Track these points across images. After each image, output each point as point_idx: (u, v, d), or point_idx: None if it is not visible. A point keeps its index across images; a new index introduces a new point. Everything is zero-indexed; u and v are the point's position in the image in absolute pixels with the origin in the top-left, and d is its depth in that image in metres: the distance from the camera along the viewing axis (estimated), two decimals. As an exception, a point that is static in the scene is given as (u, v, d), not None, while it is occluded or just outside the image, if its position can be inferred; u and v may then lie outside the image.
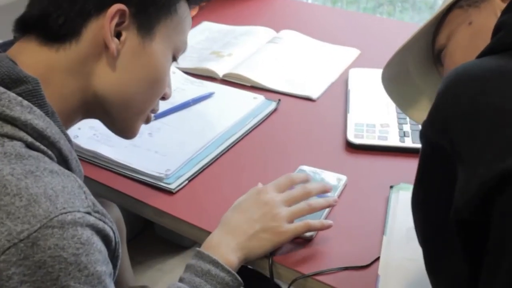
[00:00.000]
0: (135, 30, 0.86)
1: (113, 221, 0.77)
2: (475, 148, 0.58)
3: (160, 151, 1.16)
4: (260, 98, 1.33)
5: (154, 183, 1.08)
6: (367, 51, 1.58)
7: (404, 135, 1.18)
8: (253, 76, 1.43)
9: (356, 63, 1.52)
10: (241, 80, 1.43)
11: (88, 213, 0.70)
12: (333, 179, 1.07)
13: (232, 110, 1.28)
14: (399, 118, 1.24)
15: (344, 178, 1.07)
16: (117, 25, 0.83)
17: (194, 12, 1.82)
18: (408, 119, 1.23)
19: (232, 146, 1.19)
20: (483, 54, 0.68)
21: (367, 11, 3.47)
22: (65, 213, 0.67)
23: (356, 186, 1.07)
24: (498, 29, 0.69)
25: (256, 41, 1.62)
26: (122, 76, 0.86)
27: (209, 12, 1.85)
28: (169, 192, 1.06)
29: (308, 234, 0.95)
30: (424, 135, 0.66)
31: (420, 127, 1.18)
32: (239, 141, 1.21)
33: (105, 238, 0.73)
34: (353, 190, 1.06)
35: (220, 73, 1.46)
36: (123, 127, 0.94)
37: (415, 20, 3.04)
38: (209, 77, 1.45)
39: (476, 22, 0.80)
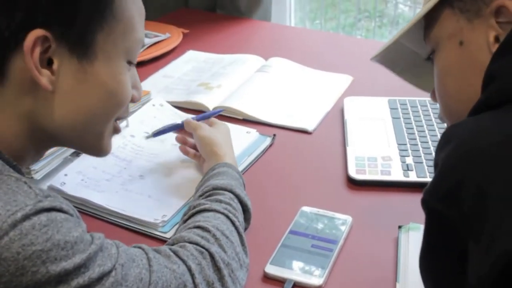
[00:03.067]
0: (68, 52, 0.73)
1: (69, 203, 0.71)
2: (487, 227, 0.54)
3: (154, 195, 1.10)
4: (253, 133, 1.28)
5: (148, 232, 1.02)
6: (360, 77, 1.54)
7: (408, 169, 1.13)
8: (245, 109, 1.37)
9: (349, 91, 1.48)
10: (233, 113, 1.37)
11: (39, 201, 0.65)
12: (338, 221, 1.01)
13: (226, 147, 1.22)
14: (400, 150, 1.20)
15: (349, 219, 1.02)
16: (45, 51, 0.72)
17: (178, 40, 1.77)
18: (409, 150, 1.19)
19: (229, 187, 1.13)
20: (478, 108, 0.64)
21: (346, 28, 3.46)
22: (13, 214, 0.63)
23: (362, 228, 1.02)
24: (490, 77, 0.65)
25: (245, 70, 1.57)
26: (67, 109, 0.76)
27: (194, 40, 1.80)
28: (165, 242, 0.99)
29: (316, 283, 0.89)
30: (427, 204, 0.62)
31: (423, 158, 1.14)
32: (235, 181, 1.15)
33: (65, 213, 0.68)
34: (360, 232, 1.01)
35: (210, 107, 1.40)
36: (89, 149, 0.87)
37: (393, 34, 3.03)
38: (199, 110, 1.40)
39: (468, 46, 0.73)
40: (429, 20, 0.79)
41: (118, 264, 0.71)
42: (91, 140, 0.84)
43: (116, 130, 0.88)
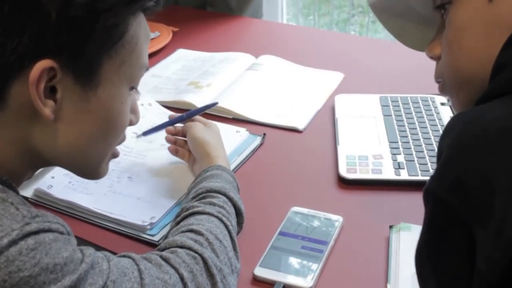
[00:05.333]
0: (72, 80, 0.70)
1: (59, 219, 0.69)
2: (496, 212, 0.53)
3: (143, 196, 1.09)
4: (243, 132, 1.27)
5: (136, 235, 1.00)
6: (351, 74, 1.53)
7: (399, 167, 1.12)
8: (235, 108, 1.36)
9: (340, 88, 1.46)
10: (223, 112, 1.36)
11: (27, 223, 0.63)
12: (329, 221, 1.00)
13: (215, 147, 1.21)
14: (391, 148, 1.18)
15: (339, 219, 1.01)
16: (49, 79, 0.68)
17: (168, 39, 1.75)
18: (401, 148, 1.18)
19: (218, 188, 1.11)
20: (485, 98, 0.62)
21: (339, 23, 3.45)
22: None
23: (352, 228, 1.00)
24: (499, 67, 0.63)
25: (235, 68, 1.55)
26: (67, 136, 0.73)
27: (184, 39, 1.78)
28: (152, 245, 0.98)
29: (306, 285, 0.88)
30: (432, 193, 0.59)
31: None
32: (224, 181, 1.14)
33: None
34: (350, 232, 0.99)
35: (200, 106, 1.38)
36: (86, 174, 0.84)
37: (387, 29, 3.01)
38: (188, 110, 1.38)
39: (498, 4, 0.67)
40: None
41: (110, 281, 0.69)
42: (89, 165, 0.82)
43: (115, 155, 0.86)
